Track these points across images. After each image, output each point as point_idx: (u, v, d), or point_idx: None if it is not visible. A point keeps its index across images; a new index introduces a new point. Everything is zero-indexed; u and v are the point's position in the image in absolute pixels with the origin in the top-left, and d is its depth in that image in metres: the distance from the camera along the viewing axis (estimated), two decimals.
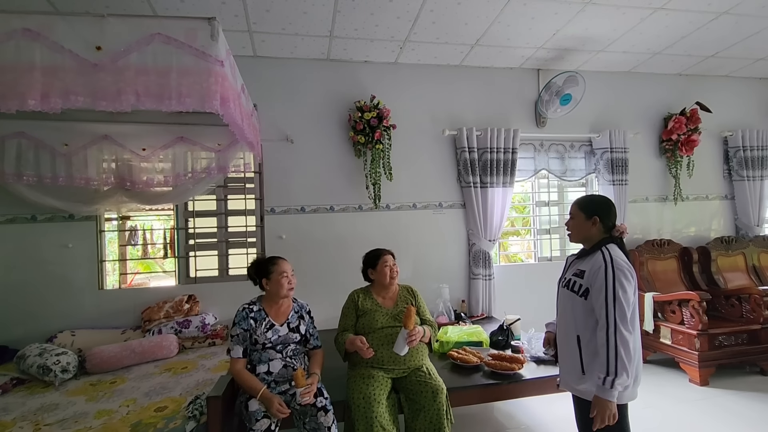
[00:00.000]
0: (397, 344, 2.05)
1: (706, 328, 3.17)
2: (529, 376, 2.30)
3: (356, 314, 2.27)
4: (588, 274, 1.65)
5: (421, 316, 2.30)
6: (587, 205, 1.78)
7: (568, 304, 1.73)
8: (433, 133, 3.65)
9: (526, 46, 3.40)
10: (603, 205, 1.77)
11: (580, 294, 1.67)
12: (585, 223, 1.75)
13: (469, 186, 3.56)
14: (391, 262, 2.30)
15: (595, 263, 1.65)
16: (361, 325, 2.24)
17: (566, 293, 1.75)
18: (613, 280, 1.57)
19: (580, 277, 1.69)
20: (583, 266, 1.71)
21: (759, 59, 3.89)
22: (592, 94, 3.75)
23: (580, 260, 1.76)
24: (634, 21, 3.09)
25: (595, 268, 1.63)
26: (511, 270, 3.87)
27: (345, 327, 2.27)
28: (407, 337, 2.03)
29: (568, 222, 1.82)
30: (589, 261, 1.69)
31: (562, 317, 1.78)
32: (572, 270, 1.77)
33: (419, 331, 2.09)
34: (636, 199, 4.03)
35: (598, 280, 1.60)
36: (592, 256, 1.70)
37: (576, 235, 1.80)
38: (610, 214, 1.75)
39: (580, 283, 1.68)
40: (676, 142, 3.99)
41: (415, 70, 3.64)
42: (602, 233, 1.73)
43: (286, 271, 2.11)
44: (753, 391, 3.08)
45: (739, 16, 3.11)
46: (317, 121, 3.46)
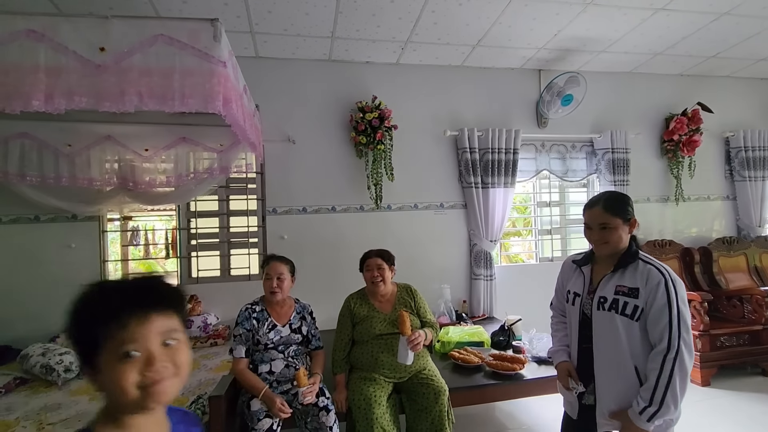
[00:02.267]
0: (400, 354, 2.01)
1: (707, 328, 3.17)
2: (530, 377, 2.31)
3: (352, 323, 2.25)
4: (644, 292, 1.41)
5: (422, 317, 2.29)
6: (620, 206, 1.51)
7: (615, 330, 1.45)
8: (434, 133, 3.65)
9: (527, 46, 3.40)
10: (630, 201, 1.54)
11: (636, 318, 1.41)
12: (624, 230, 1.49)
13: (470, 186, 3.57)
14: (375, 266, 2.22)
15: (649, 278, 1.41)
16: (358, 334, 2.21)
17: (610, 317, 1.46)
18: (676, 296, 1.36)
19: (632, 296, 1.42)
20: (630, 282, 1.45)
21: (760, 59, 3.89)
22: (593, 94, 3.75)
23: (617, 274, 1.49)
24: (635, 21, 3.09)
25: (652, 284, 1.40)
26: (512, 270, 3.87)
27: (342, 336, 2.24)
28: (408, 343, 1.99)
29: (603, 234, 1.49)
30: (635, 275, 1.45)
31: (606, 344, 1.49)
32: (609, 287, 1.49)
33: (420, 334, 2.04)
34: (637, 200, 4.02)
35: (659, 298, 1.37)
36: (634, 268, 1.46)
37: (614, 246, 1.50)
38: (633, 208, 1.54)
39: (635, 304, 1.42)
40: (677, 143, 3.98)
41: (416, 70, 3.65)
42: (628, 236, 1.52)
43: (269, 273, 2.10)
44: (755, 392, 3.07)
45: (740, 16, 3.10)
46: (319, 122, 3.47)
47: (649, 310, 1.39)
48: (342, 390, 2.10)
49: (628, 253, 1.49)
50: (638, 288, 1.42)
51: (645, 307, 1.40)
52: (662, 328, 1.35)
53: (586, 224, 1.57)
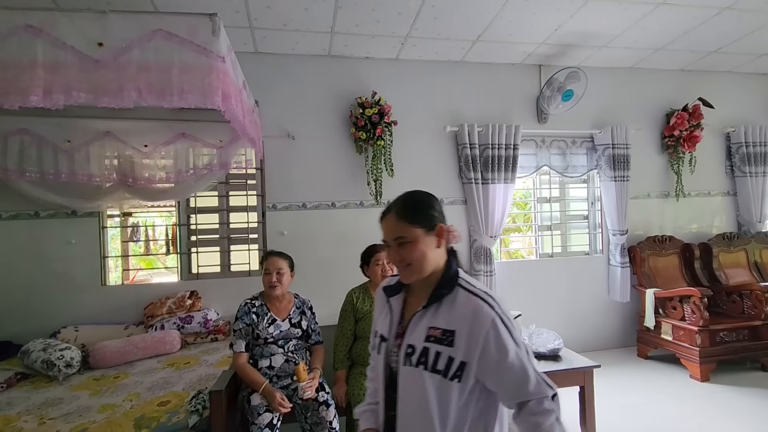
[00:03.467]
0: None
1: (707, 324, 3.18)
2: None
3: (354, 317, 2.26)
4: (465, 336, 0.95)
5: None
6: (417, 210, 1.06)
7: (425, 394, 0.97)
8: (434, 129, 3.64)
9: (527, 41, 3.39)
10: (434, 201, 1.11)
11: (452, 375, 0.95)
12: (429, 243, 1.04)
13: (470, 182, 3.56)
14: (385, 260, 2.23)
15: (473, 316, 0.96)
16: (360, 329, 2.22)
17: (418, 374, 0.98)
18: (510, 332, 0.95)
19: (446, 343, 0.96)
20: (445, 322, 0.99)
21: (762, 54, 3.87)
22: (593, 90, 3.74)
23: (429, 311, 1.02)
24: (636, 16, 3.08)
25: (476, 325, 0.95)
26: (512, 266, 3.87)
27: (344, 332, 2.26)
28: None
29: (401, 253, 1.04)
30: (452, 311, 0.99)
31: (414, 416, 1.00)
32: (419, 330, 1.01)
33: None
34: (637, 196, 4.02)
35: (492, 346, 0.93)
36: (452, 300, 1.00)
37: (420, 268, 1.03)
38: (443, 213, 1.11)
39: (449, 355, 0.95)
40: (678, 138, 3.97)
41: (416, 66, 3.63)
42: (443, 249, 1.09)
43: (269, 268, 2.12)
44: (754, 387, 3.08)
45: (742, 11, 3.09)
46: (318, 118, 3.46)
47: (483, 363, 0.94)
48: (342, 385, 2.11)
49: (445, 277, 1.04)
50: (454, 331, 0.97)
51: (469, 361, 0.95)
52: (515, 385, 0.95)
53: (383, 241, 1.10)
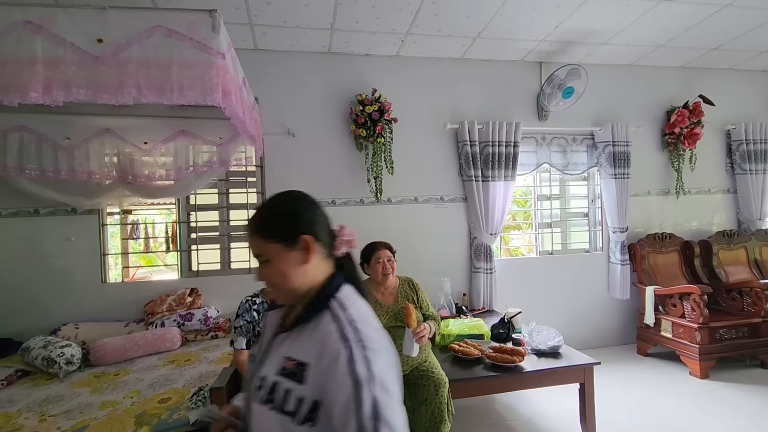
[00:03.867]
0: (406, 346, 2.02)
1: (707, 321, 3.18)
2: (530, 369, 2.31)
3: None
4: (315, 371, 0.78)
5: (424, 311, 2.30)
6: (272, 221, 0.92)
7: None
8: (434, 126, 3.63)
9: (528, 38, 3.38)
10: (296, 207, 0.96)
11: (303, 419, 0.77)
12: (291, 259, 0.89)
13: (470, 180, 3.56)
14: (385, 258, 2.24)
15: (325, 348, 0.79)
16: None
17: (265, 413, 0.81)
18: (367, 379, 0.74)
19: (296, 378, 0.79)
20: (302, 352, 0.82)
21: (763, 52, 3.86)
22: (594, 87, 3.73)
23: (291, 336, 0.87)
24: (637, 13, 3.07)
25: (327, 359, 0.77)
26: (512, 264, 3.87)
27: None
28: (413, 336, 2.00)
29: (262, 272, 0.92)
30: (311, 338, 0.83)
31: None
32: (276, 359, 0.86)
33: (425, 327, 2.07)
34: (638, 193, 4.02)
35: (340, 387, 0.74)
36: (315, 325, 0.84)
37: (286, 291, 0.90)
38: (320, 220, 0.97)
39: (299, 395, 0.78)
40: (678, 136, 3.97)
41: (416, 63, 3.62)
42: (324, 261, 0.94)
43: None
44: (753, 384, 3.09)
45: (743, 8, 3.08)
46: (318, 115, 3.45)
47: (330, 407, 0.75)
48: None
49: (316, 297, 0.88)
50: (307, 364, 0.80)
51: (322, 401, 0.76)
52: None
53: None
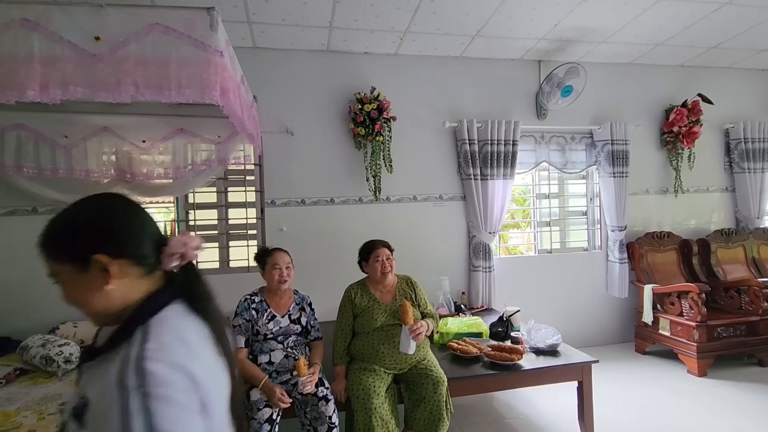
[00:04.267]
0: (402, 344, 2.03)
1: (705, 319, 3.19)
2: (528, 367, 2.32)
3: (353, 313, 2.26)
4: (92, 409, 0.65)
5: (422, 309, 2.30)
6: (60, 238, 0.79)
7: None
8: (433, 125, 3.63)
9: (527, 37, 3.37)
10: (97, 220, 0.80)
11: None
12: (87, 281, 0.74)
13: (469, 178, 3.56)
14: (384, 256, 2.24)
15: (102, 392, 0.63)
16: (359, 325, 2.23)
17: None
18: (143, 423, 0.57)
19: (79, 418, 0.66)
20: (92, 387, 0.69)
21: (762, 50, 3.87)
22: (593, 85, 3.73)
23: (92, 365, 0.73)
24: (636, 11, 3.06)
25: (99, 408, 0.63)
26: (511, 262, 3.87)
27: (343, 328, 2.25)
28: (410, 333, 2.01)
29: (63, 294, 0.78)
30: (104, 369, 0.67)
31: None
32: (74, 391, 0.77)
33: (421, 324, 2.06)
34: (636, 192, 4.02)
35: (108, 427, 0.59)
36: (114, 356, 0.68)
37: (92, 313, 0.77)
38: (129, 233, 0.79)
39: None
40: (677, 134, 3.97)
41: (415, 61, 3.62)
42: (142, 279, 0.78)
43: (278, 263, 2.13)
44: (751, 382, 3.10)
45: (742, 6, 3.08)
46: (317, 113, 3.45)
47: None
48: (341, 380, 2.12)
49: (126, 322, 0.73)
50: (89, 401, 0.66)
51: None
52: None
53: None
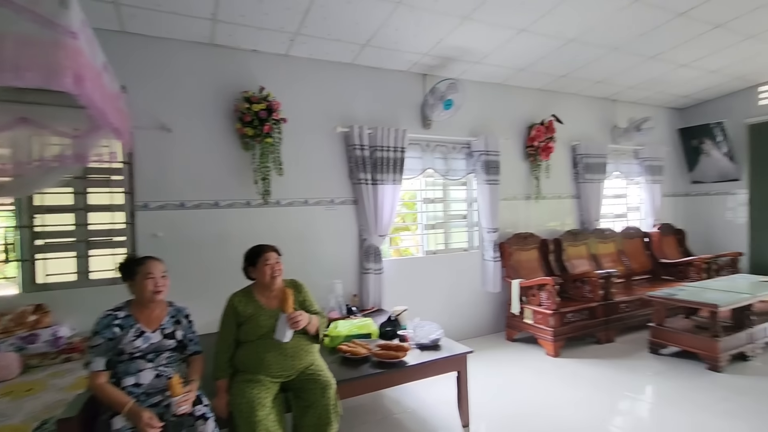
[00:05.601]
0: (278, 331, 2.01)
1: (558, 307, 3.72)
2: (413, 362, 2.45)
3: (237, 323, 2.15)
4: None
5: (309, 310, 2.28)
6: None
7: None
8: (325, 128, 3.64)
9: (413, 51, 3.59)
10: None
11: None
12: None
13: (360, 183, 3.65)
14: (274, 260, 2.19)
15: None
16: (243, 334, 2.12)
17: None
18: None
19: None
20: None
21: (597, 82, 4.68)
22: (471, 101, 4.11)
23: None
24: (503, 39, 3.47)
25: None
26: (400, 264, 4.06)
27: (225, 339, 2.14)
28: (288, 320, 2.00)
29: None
30: None
31: None
32: None
33: (301, 313, 2.06)
34: (507, 197, 4.54)
35: None
36: None
37: None
38: None
39: None
40: (537, 148, 4.59)
41: (307, 64, 3.59)
42: None
43: (152, 272, 1.92)
44: (592, 357, 3.71)
45: (583, 44, 3.69)
46: (199, 110, 3.21)
47: None
48: (223, 395, 2.00)
49: None
50: None
51: None
52: None
53: None
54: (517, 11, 3.09)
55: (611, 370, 3.42)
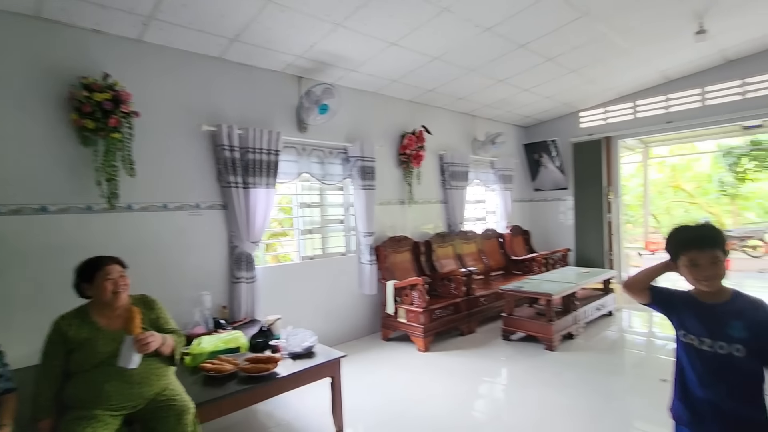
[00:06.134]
0: (123, 357, 1.72)
1: (427, 305, 3.99)
2: (285, 373, 2.36)
3: (66, 351, 1.79)
4: None
5: (162, 328, 2.03)
6: None
7: None
8: (188, 126, 3.31)
9: (287, 52, 3.50)
10: None
11: None
12: None
13: (230, 186, 3.41)
14: (117, 274, 1.90)
15: None
16: (75, 363, 1.78)
17: None
18: None
19: None
20: None
21: (459, 98, 5.19)
22: (346, 107, 4.18)
23: None
24: (375, 50, 3.61)
25: None
26: (274, 271, 3.90)
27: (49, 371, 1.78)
28: (135, 344, 1.73)
29: None
30: None
31: None
32: None
33: (151, 334, 1.80)
34: (382, 202, 4.72)
35: None
36: None
37: None
38: None
39: None
40: (409, 156, 4.88)
41: (166, 53, 3.22)
42: None
43: None
44: (457, 349, 4.06)
45: (446, 62, 4.05)
46: (20, 95, 2.63)
47: None
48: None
49: None
50: None
51: None
52: None
53: None
54: (387, 25, 3.24)
55: (472, 358, 3.79)
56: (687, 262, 1.35)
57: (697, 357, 1.36)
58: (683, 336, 1.40)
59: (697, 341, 1.36)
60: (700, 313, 1.37)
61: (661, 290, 1.48)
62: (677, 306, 1.42)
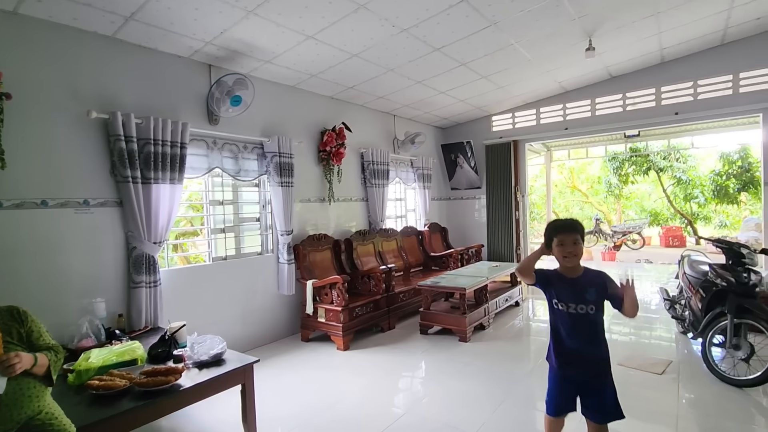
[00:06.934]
0: None
1: (347, 303, 3.97)
2: (189, 384, 2.18)
3: None
4: None
5: (38, 344, 1.75)
6: None
7: None
8: (75, 113, 2.92)
9: (193, 36, 3.24)
10: None
11: None
12: None
13: (127, 181, 3.06)
14: None
15: None
16: None
17: None
18: None
19: None
20: None
21: (379, 97, 5.23)
22: (263, 100, 3.99)
23: None
24: (292, 42, 3.49)
25: None
26: (180, 274, 3.60)
27: None
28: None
29: None
30: None
31: None
32: None
33: (18, 354, 1.54)
34: (302, 200, 4.60)
35: None
36: None
37: None
38: None
39: None
40: (329, 153, 4.81)
41: (48, 29, 2.80)
42: None
43: None
44: (376, 346, 4.09)
45: (365, 61, 4.05)
46: None
47: None
48: None
49: None
50: None
51: None
52: None
53: None
54: (303, 17, 3.14)
55: (392, 354, 3.85)
56: (557, 243, 1.84)
57: (567, 318, 1.84)
58: (556, 304, 1.87)
59: (565, 306, 1.83)
60: (567, 286, 1.85)
61: (541, 271, 1.92)
62: (553, 281, 1.88)
